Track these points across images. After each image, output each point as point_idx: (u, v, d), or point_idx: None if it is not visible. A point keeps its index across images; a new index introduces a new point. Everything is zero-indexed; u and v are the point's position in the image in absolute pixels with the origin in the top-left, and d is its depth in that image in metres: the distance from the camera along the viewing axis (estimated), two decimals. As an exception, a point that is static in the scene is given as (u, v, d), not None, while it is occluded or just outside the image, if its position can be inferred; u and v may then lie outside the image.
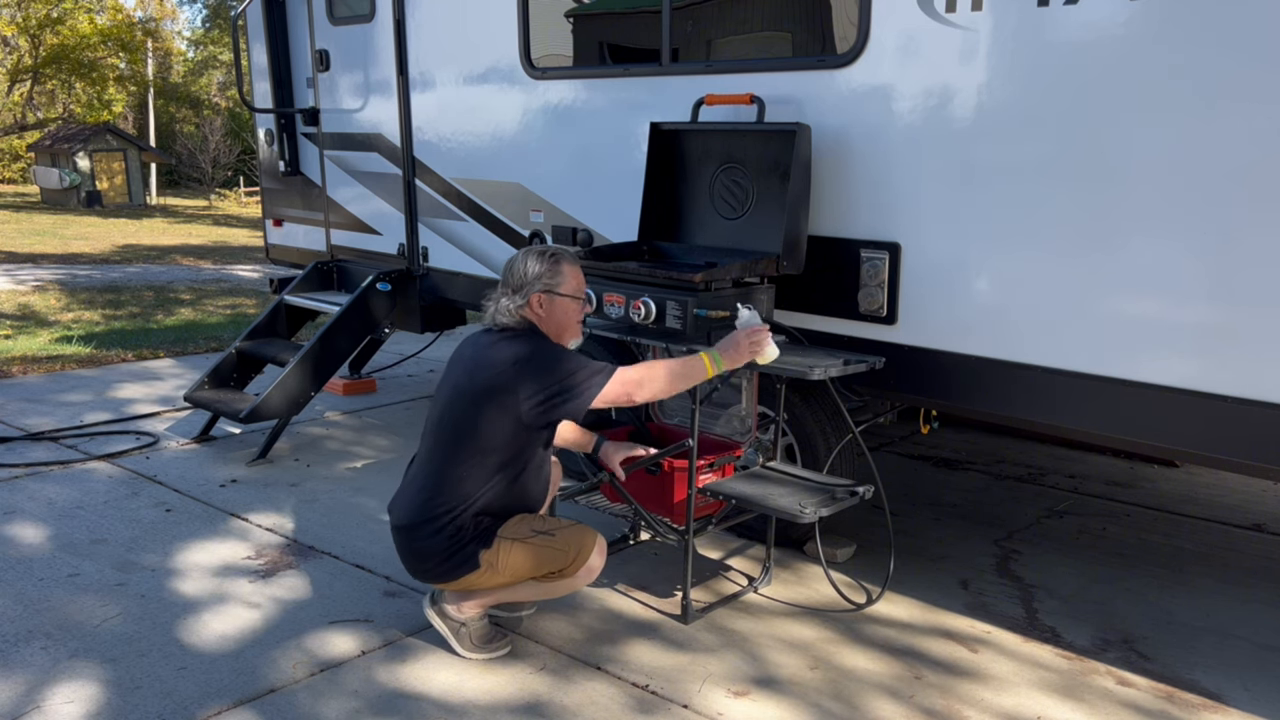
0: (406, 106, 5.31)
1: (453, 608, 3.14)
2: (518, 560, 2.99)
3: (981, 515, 4.49)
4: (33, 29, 29.21)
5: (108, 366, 7.06)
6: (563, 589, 3.13)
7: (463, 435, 2.98)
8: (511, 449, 2.99)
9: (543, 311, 3.05)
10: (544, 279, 3.04)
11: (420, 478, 3.07)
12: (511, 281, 3.05)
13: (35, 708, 2.81)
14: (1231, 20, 2.73)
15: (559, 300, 3.06)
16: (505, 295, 3.05)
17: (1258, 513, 4.59)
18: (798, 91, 3.65)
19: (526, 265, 3.05)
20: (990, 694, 3.01)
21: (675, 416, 4.04)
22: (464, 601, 3.14)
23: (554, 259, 3.08)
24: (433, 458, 3.05)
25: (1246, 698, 3.01)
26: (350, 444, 5.35)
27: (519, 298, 3.03)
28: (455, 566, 2.98)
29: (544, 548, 3.00)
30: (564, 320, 3.10)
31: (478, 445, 2.96)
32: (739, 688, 3.00)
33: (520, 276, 3.04)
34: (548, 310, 3.06)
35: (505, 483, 3.01)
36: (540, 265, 3.05)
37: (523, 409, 2.92)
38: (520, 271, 3.05)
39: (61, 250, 16.16)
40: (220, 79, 43.37)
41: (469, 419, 2.97)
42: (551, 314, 3.07)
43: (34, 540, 3.96)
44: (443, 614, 3.16)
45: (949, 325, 3.40)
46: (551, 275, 3.05)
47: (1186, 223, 2.88)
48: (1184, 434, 2.98)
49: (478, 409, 2.96)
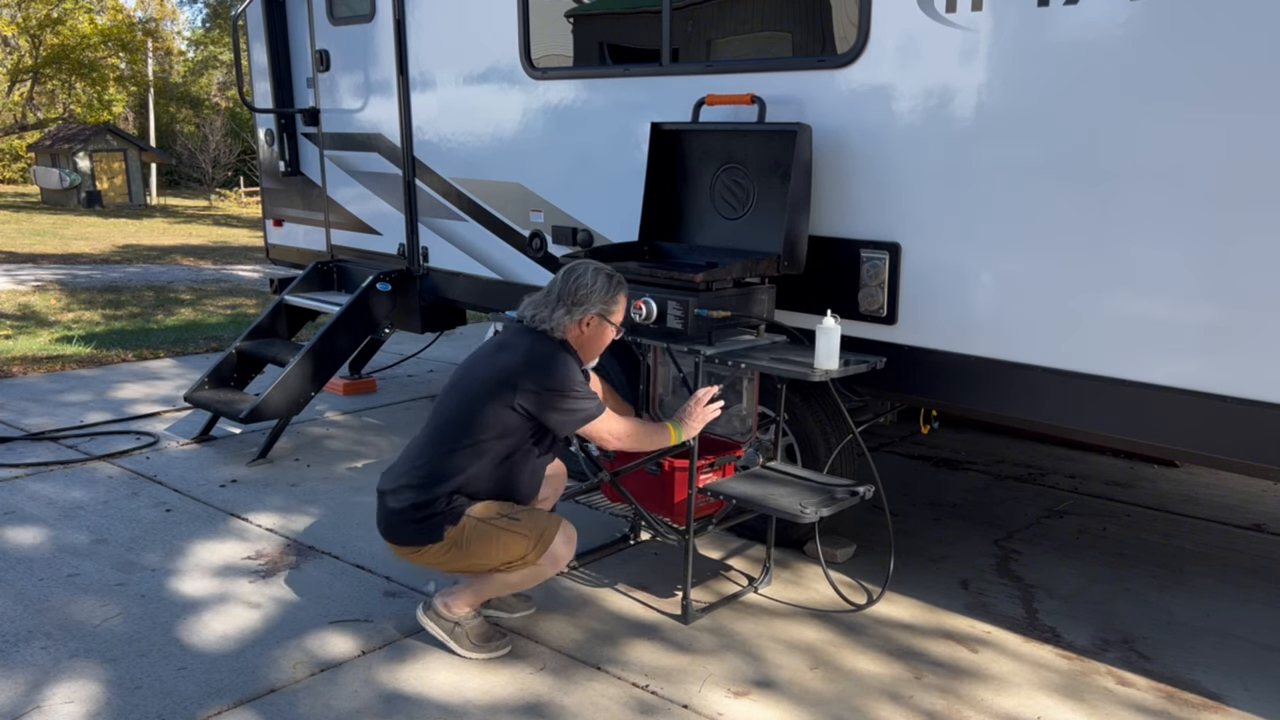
0: (406, 106, 5.31)
1: (441, 605, 3.15)
2: (481, 541, 2.98)
3: (981, 515, 4.49)
4: (33, 29, 29.21)
5: (108, 366, 7.06)
6: (530, 579, 3.10)
7: (463, 415, 3.02)
8: (503, 440, 3.00)
9: (588, 332, 3.10)
10: (603, 305, 3.08)
11: (415, 449, 3.11)
12: (572, 295, 3.05)
13: (35, 707, 2.81)
14: (1232, 20, 2.73)
15: (605, 327, 3.11)
16: (562, 307, 3.05)
17: (1258, 513, 4.59)
18: (798, 91, 3.65)
19: (594, 284, 3.07)
20: (990, 694, 3.01)
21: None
22: (449, 599, 3.14)
23: (618, 286, 3.12)
24: (431, 432, 3.09)
25: (1246, 698, 3.01)
26: (350, 444, 5.35)
27: (577, 312, 3.05)
28: (420, 534, 3.00)
29: (506, 531, 3.00)
30: (598, 346, 3.16)
31: (473, 427, 2.99)
32: (739, 688, 3.00)
33: (584, 294, 3.05)
34: (592, 333, 3.10)
35: (490, 470, 3.03)
36: (606, 291, 3.08)
37: (515, 399, 2.95)
38: (586, 288, 3.06)
39: (62, 250, 16.16)
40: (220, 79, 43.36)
41: (472, 401, 3.01)
42: (594, 337, 3.12)
43: (34, 540, 3.96)
44: (435, 615, 3.16)
45: (949, 325, 3.40)
46: (611, 303, 3.10)
47: (1186, 223, 2.88)
48: (1184, 434, 2.98)
49: (483, 392, 3.00)
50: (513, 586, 3.15)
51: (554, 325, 3.05)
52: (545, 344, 3.05)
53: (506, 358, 3.04)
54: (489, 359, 3.10)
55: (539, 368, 2.99)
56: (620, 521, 4.12)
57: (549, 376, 2.98)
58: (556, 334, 3.07)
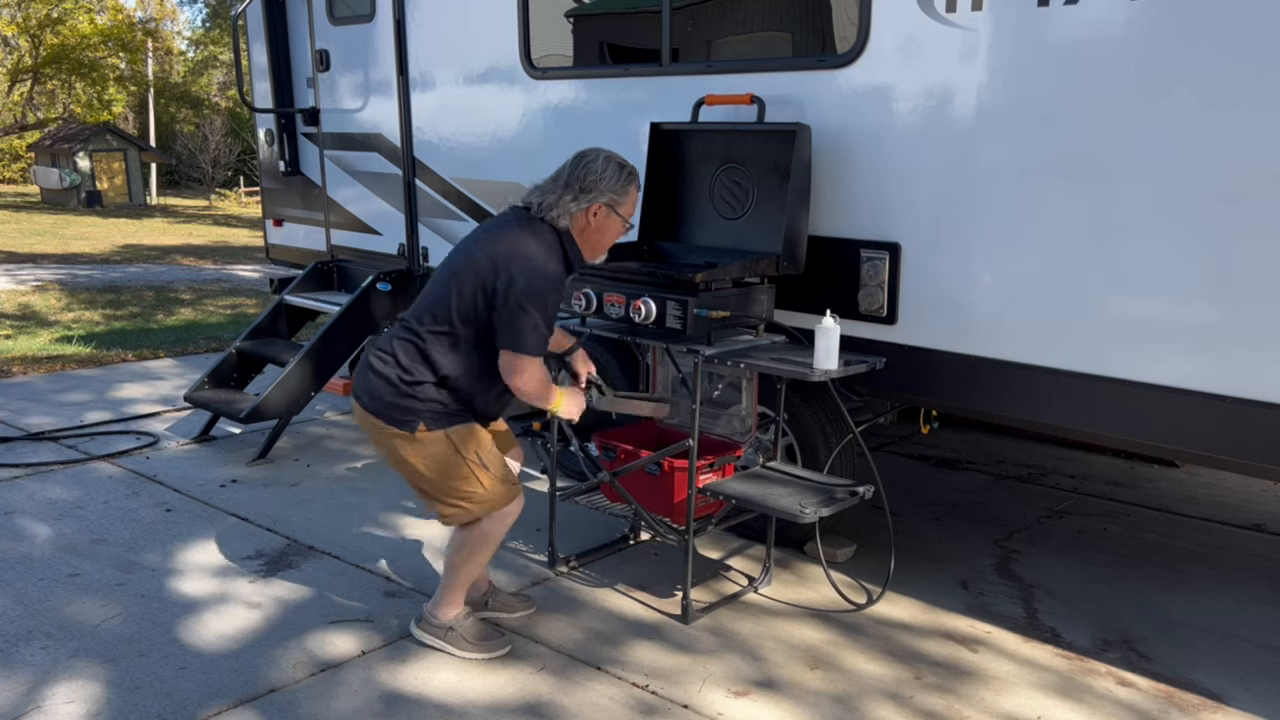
0: (406, 106, 5.31)
1: (429, 614, 3.15)
2: (446, 465, 2.92)
3: (981, 515, 4.49)
4: (33, 29, 29.21)
5: (108, 366, 7.06)
6: (481, 541, 3.05)
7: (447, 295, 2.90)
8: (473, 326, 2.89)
9: (594, 223, 2.94)
10: (613, 194, 2.92)
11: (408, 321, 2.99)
12: (581, 180, 2.89)
13: (35, 707, 2.81)
14: (1232, 20, 2.73)
15: (613, 219, 2.96)
16: (569, 193, 2.89)
17: (1258, 513, 4.59)
18: (798, 91, 3.65)
19: (605, 171, 2.91)
20: (990, 694, 3.01)
21: (675, 417, 4.04)
22: (434, 606, 3.14)
23: (630, 177, 2.97)
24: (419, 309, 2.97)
25: (1246, 698, 3.01)
26: (350, 444, 5.35)
27: (584, 200, 2.89)
28: (393, 411, 2.90)
29: (476, 466, 2.94)
30: (606, 240, 3.01)
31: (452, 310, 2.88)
32: (739, 688, 3.00)
33: (594, 180, 2.89)
34: (599, 224, 2.95)
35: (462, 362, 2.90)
36: (617, 178, 2.92)
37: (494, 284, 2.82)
38: (596, 174, 2.90)
39: (62, 250, 16.16)
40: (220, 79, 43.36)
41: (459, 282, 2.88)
42: (600, 229, 2.96)
43: (34, 540, 3.96)
44: (427, 625, 3.15)
45: (949, 325, 3.40)
46: (621, 194, 2.94)
47: (1187, 223, 2.87)
48: (1184, 434, 2.98)
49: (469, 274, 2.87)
50: (471, 562, 3.07)
51: (560, 212, 2.90)
52: (544, 240, 2.88)
53: (499, 244, 2.87)
54: (484, 240, 2.92)
55: (524, 266, 2.81)
56: (620, 521, 4.12)
57: (527, 281, 2.79)
58: (561, 222, 2.91)
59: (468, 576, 3.14)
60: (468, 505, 2.99)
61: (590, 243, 3.00)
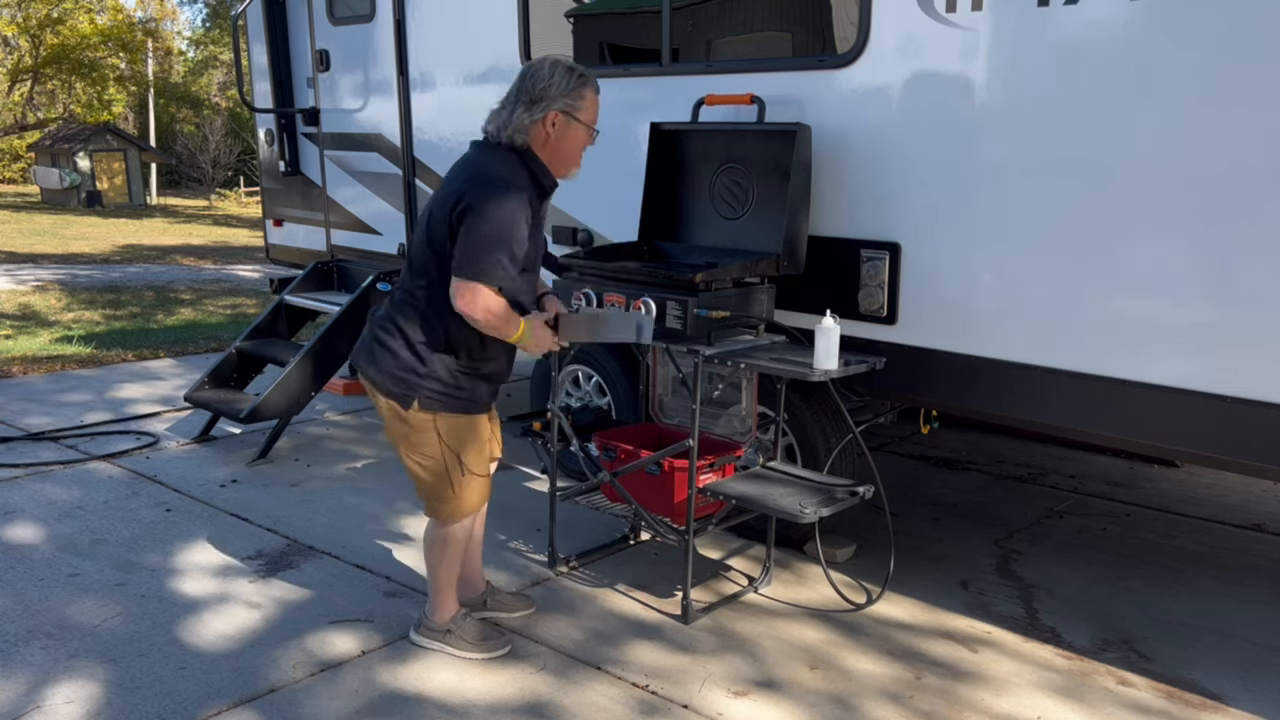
0: (406, 106, 5.31)
1: (425, 618, 3.14)
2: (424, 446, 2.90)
3: (981, 515, 4.49)
4: (33, 29, 29.21)
5: (108, 366, 7.06)
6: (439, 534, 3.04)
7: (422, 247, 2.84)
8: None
9: (554, 133, 2.82)
10: (566, 98, 2.79)
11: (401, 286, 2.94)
12: (530, 92, 2.78)
13: (35, 707, 2.81)
14: (1232, 20, 2.73)
15: (574, 126, 2.83)
16: (520, 107, 2.78)
17: (1258, 513, 4.59)
18: (798, 91, 3.65)
19: (552, 77, 2.78)
20: (990, 694, 3.01)
21: (675, 416, 4.04)
22: (429, 610, 3.14)
23: (581, 78, 2.82)
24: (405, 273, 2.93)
25: (1246, 698, 3.01)
26: (350, 444, 5.35)
27: (536, 111, 2.77)
28: (393, 383, 2.87)
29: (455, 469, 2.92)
30: (571, 149, 2.88)
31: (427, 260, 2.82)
32: (739, 688, 3.00)
33: (543, 89, 2.77)
34: (560, 134, 2.82)
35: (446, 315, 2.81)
36: (566, 81, 2.78)
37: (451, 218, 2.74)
38: (544, 82, 2.77)
39: (62, 250, 16.16)
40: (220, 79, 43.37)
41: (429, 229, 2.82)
42: (562, 139, 2.84)
43: (34, 540, 3.96)
44: (425, 631, 3.15)
45: (949, 325, 3.40)
46: (576, 97, 2.80)
47: (1187, 223, 2.87)
48: (1184, 434, 2.98)
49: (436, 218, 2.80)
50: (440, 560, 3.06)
51: (514, 129, 2.78)
52: (504, 161, 2.78)
53: (458, 176, 2.80)
54: (447, 178, 2.85)
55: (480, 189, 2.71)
56: (620, 521, 4.12)
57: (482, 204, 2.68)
58: (519, 141, 2.79)
59: (447, 575, 3.11)
60: (433, 501, 2.99)
61: (556, 157, 2.87)
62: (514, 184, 2.76)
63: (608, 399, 4.48)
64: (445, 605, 3.14)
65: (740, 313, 3.53)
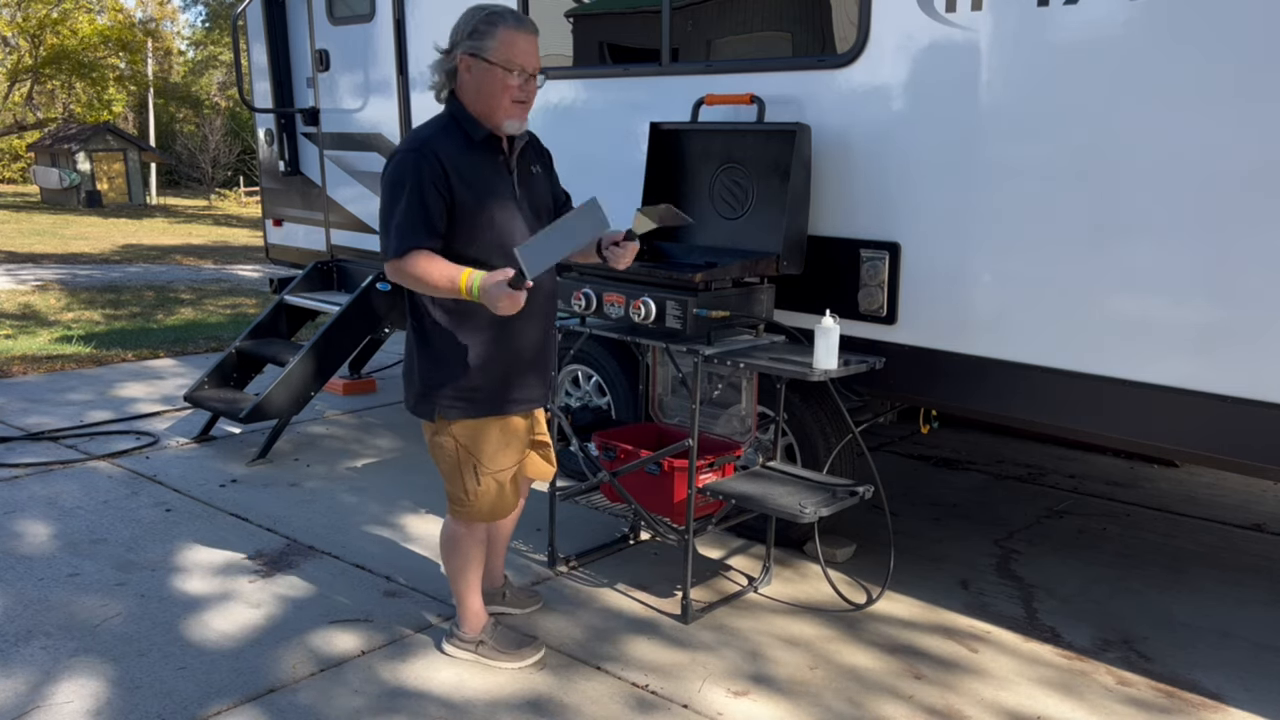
0: (406, 106, 5.31)
1: (456, 628, 3.13)
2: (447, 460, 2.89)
3: (981, 515, 4.49)
4: (33, 29, 29.21)
5: (108, 366, 7.06)
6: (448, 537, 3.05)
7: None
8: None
9: (470, 79, 2.66)
10: (469, 39, 2.63)
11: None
12: (447, 45, 2.70)
13: (36, 707, 2.81)
14: (1231, 20, 2.73)
15: (484, 68, 2.63)
16: (437, 61, 2.72)
17: (1258, 513, 4.59)
18: (798, 91, 3.65)
19: (460, 22, 2.67)
20: (990, 693, 3.01)
21: (675, 416, 4.04)
22: (457, 621, 3.12)
23: (489, 17, 2.63)
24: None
25: (1246, 698, 3.01)
26: (350, 444, 5.35)
27: (448, 61, 2.68)
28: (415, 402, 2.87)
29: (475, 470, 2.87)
30: (490, 94, 2.65)
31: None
32: (739, 687, 3.01)
33: (453, 39, 2.68)
34: (477, 79, 2.65)
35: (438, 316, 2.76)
36: (470, 21, 2.64)
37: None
38: (454, 31, 2.68)
39: (62, 250, 16.17)
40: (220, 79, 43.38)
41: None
42: (478, 85, 2.65)
43: (34, 540, 3.96)
44: (457, 642, 3.12)
45: (949, 325, 3.40)
46: (480, 36, 2.62)
47: (1187, 222, 2.88)
48: (1185, 434, 2.98)
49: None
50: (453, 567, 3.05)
51: (437, 87, 2.72)
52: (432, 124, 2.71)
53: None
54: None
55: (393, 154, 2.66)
56: (620, 521, 4.12)
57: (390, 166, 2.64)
58: (442, 96, 2.74)
59: (464, 583, 3.09)
60: (450, 499, 2.99)
61: (481, 103, 2.68)
62: (411, 146, 2.65)
63: (607, 399, 4.48)
64: (473, 616, 3.10)
65: (740, 312, 3.53)
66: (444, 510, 4.29)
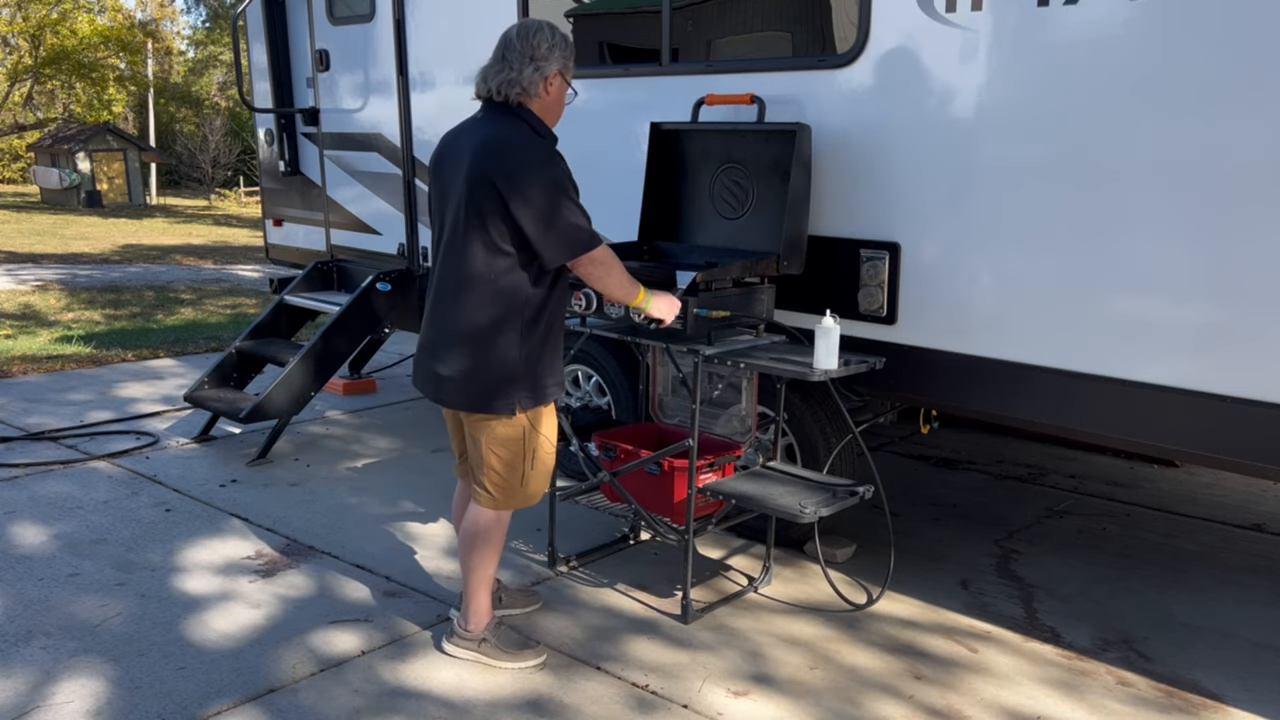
0: (406, 106, 5.31)
1: (460, 626, 3.12)
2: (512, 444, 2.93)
3: (981, 515, 4.49)
4: (33, 30, 29.21)
5: (108, 366, 7.06)
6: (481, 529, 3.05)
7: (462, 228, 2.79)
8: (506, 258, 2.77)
9: (552, 94, 2.85)
10: (565, 59, 2.85)
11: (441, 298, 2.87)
12: (533, 52, 2.77)
13: (36, 707, 2.81)
14: (1231, 20, 2.73)
15: (562, 86, 2.89)
16: (525, 65, 2.77)
17: (1258, 513, 4.59)
18: (798, 91, 3.66)
19: (554, 37, 2.81)
20: (990, 693, 3.01)
21: (675, 416, 4.04)
22: (464, 617, 3.12)
23: (566, 39, 2.87)
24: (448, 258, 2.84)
25: (1246, 698, 3.01)
26: (350, 444, 5.35)
27: (545, 68, 2.79)
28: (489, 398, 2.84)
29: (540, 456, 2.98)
30: (558, 109, 2.92)
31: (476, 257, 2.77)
32: (739, 687, 3.01)
33: (546, 49, 2.79)
34: (555, 95, 2.87)
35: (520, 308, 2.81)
36: (566, 45, 2.85)
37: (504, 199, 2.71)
38: (549, 43, 2.80)
39: (62, 250, 16.17)
40: (220, 79, 43.39)
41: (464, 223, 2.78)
42: (556, 100, 2.89)
43: (34, 540, 3.96)
44: (459, 640, 3.12)
45: (949, 325, 3.40)
46: (569, 57, 2.87)
47: (1186, 222, 2.88)
48: (1185, 434, 2.98)
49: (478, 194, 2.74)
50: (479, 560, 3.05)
51: (525, 87, 2.78)
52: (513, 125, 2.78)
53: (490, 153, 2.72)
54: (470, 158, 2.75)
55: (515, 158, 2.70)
56: (620, 521, 4.12)
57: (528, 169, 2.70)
58: (514, 98, 2.79)
59: (482, 575, 3.08)
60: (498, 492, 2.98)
61: (548, 114, 2.88)
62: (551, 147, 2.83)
63: (607, 399, 4.48)
64: (481, 610, 3.10)
65: (740, 312, 3.53)
66: (445, 510, 4.32)
